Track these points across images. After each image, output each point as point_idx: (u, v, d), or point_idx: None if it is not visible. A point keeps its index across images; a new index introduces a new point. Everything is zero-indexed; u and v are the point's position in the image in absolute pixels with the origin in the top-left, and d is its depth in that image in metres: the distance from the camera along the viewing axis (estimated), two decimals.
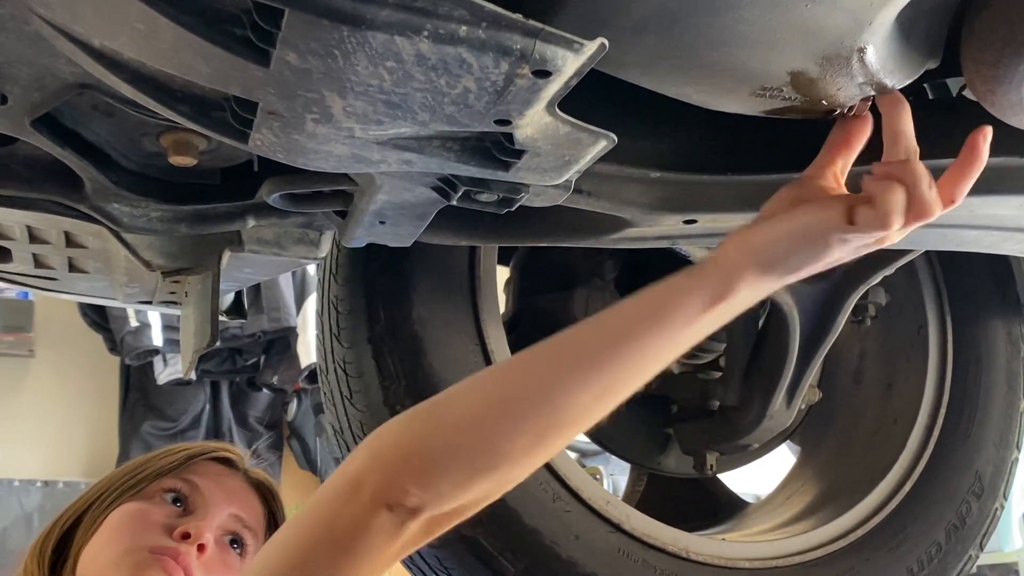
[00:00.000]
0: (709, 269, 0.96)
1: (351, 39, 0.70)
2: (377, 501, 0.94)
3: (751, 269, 0.95)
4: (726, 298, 0.95)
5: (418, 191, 1.05)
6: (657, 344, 0.95)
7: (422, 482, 0.94)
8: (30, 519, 4.47)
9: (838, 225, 0.95)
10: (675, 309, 0.95)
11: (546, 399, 0.94)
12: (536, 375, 0.97)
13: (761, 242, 0.96)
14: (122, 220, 1.18)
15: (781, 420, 1.73)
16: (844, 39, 0.88)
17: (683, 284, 0.96)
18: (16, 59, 0.90)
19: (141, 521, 1.25)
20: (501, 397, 0.96)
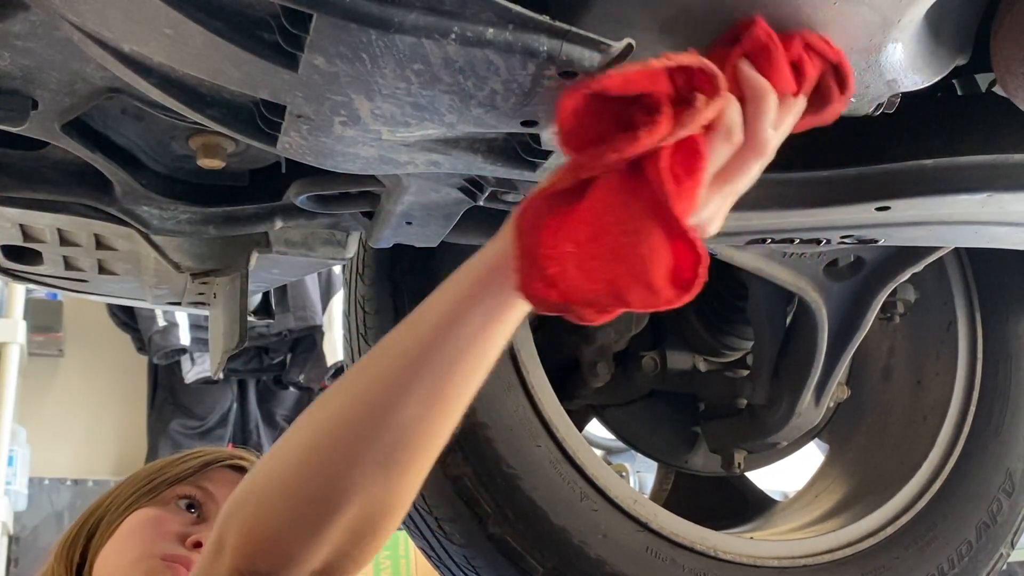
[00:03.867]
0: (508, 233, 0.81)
1: (379, 42, 0.70)
2: (232, 570, 0.87)
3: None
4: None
5: (445, 192, 1.05)
6: (472, 333, 0.83)
7: (267, 544, 0.86)
8: (60, 517, 4.50)
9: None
10: (488, 291, 0.82)
11: (374, 420, 0.84)
12: (357, 395, 0.86)
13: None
14: (151, 222, 1.19)
15: (809, 418, 1.72)
16: (872, 36, 0.87)
17: (486, 259, 0.83)
18: (46, 64, 0.91)
19: (155, 528, 1.27)
20: (327, 427, 0.86)
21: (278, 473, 0.88)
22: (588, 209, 0.76)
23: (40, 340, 4.59)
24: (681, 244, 0.75)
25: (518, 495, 1.47)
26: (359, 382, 0.87)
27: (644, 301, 0.76)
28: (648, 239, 0.75)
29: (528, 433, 1.50)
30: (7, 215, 1.23)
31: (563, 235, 0.75)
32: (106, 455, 4.80)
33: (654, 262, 0.75)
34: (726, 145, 0.79)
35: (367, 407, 0.85)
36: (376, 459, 0.84)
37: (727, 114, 0.77)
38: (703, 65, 0.75)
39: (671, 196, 0.74)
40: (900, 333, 1.96)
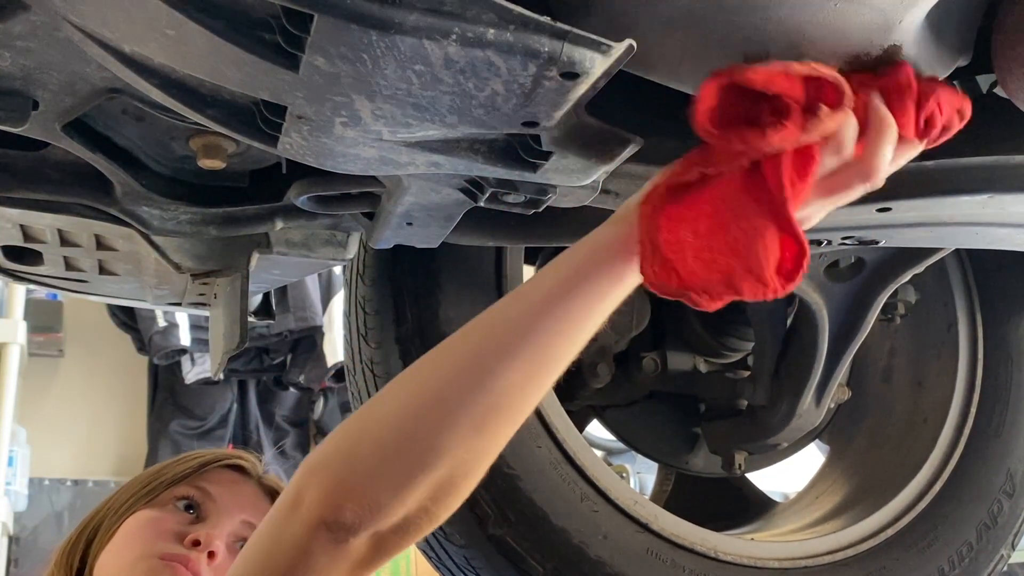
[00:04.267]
0: (631, 218, 0.86)
1: (380, 43, 0.70)
2: (314, 520, 0.90)
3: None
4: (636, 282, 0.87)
5: (445, 192, 1.05)
6: (582, 307, 0.88)
7: (356, 494, 0.89)
8: (60, 518, 4.50)
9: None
10: (598, 270, 0.87)
11: (474, 383, 0.88)
12: (460, 360, 0.90)
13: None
14: (152, 223, 1.19)
15: (810, 419, 1.72)
16: (874, 38, 0.87)
17: (602, 239, 0.88)
18: (47, 65, 0.91)
19: (154, 528, 1.27)
20: (427, 389, 0.90)
21: (374, 429, 0.91)
22: (709, 202, 0.82)
23: (40, 340, 4.59)
24: (789, 238, 0.81)
25: (518, 496, 1.47)
26: (463, 346, 0.91)
27: (755, 292, 0.82)
28: (763, 235, 0.81)
29: (529, 434, 1.50)
30: (8, 215, 1.23)
31: (685, 225, 0.81)
32: (106, 455, 4.80)
33: (767, 256, 0.81)
34: (835, 157, 0.84)
35: (469, 369, 0.89)
36: (472, 422, 0.88)
37: (843, 130, 0.83)
38: (836, 79, 0.81)
39: (787, 197, 0.80)
40: (901, 334, 1.96)
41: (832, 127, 0.81)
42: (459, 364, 0.90)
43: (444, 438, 0.88)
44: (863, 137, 0.85)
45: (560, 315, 0.88)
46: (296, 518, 0.91)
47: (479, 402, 0.88)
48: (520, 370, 0.88)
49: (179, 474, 1.35)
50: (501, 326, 0.90)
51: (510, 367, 0.88)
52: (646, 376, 1.88)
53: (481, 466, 0.91)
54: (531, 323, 0.88)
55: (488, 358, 0.89)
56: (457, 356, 0.91)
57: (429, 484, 0.89)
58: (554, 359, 0.89)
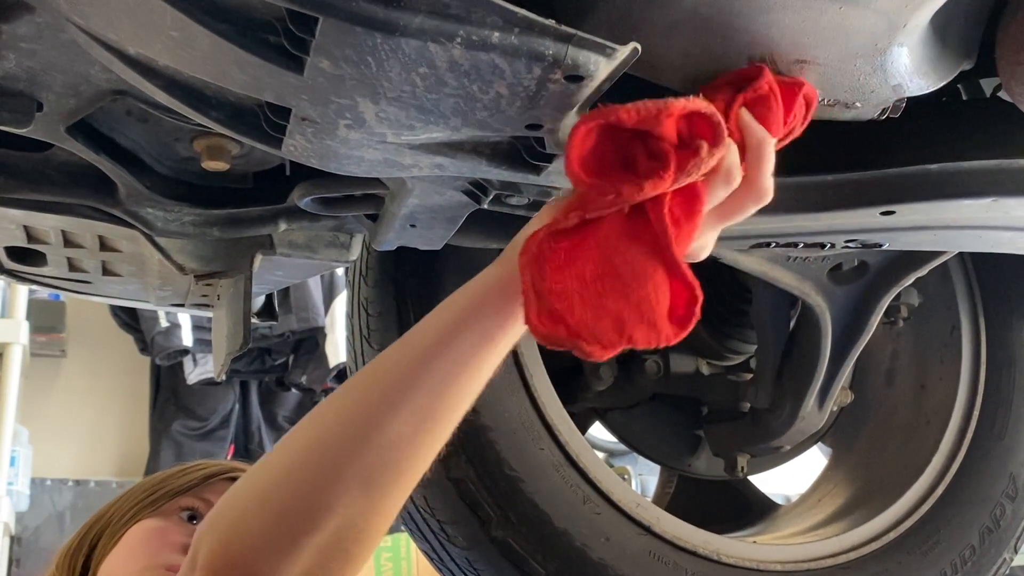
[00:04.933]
0: (514, 260, 0.81)
1: (384, 46, 0.70)
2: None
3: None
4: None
5: (449, 195, 1.05)
6: (467, 352, 0.84)
7: (237, 563, 0.84)
8: (62, 518, 4.50)
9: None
10: (483, 312, 0.84)
11: (359, 437, 0.83)
12: (345, 413, 0.86)
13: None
14: (155, 224, 1.19)
15: (813, 422, 1.72)
16: (878, 41, 0.87)
17: (486, 281, 0.85)
18: (51, 66, 0.91)
19: (159, 538, 1.27)
20: (312, 444, 0.86)
21: (258, 486, 0.87)
22: (594, 246, 0.78)
23: (42, 341, 4.60)
24: (679, 283, 0.79)
25: (521, 498, 1.47)
26: (348, 397, 0.87)
27: (647, 339, 0.78)
28: (652, 279, 0.78)
29: (531, 436, 1.50)
30: (11, 216, 1.23)
31: (569, 272, 0.78)
32: (108, 456, 4.81)
33: (658, 302, 0.78)
34: (725, 189, 0.82)
35: (354, 422, 0.84)
36: (358, 477, 0.83)
37: (727, 159, 0.81)
38: (710, 113, 0.78)
39: (672, 240, 0.78)
40: (904, 337, 1.96)
41: (713, 163, 0.79)
42: (344, 418, 0.86)
43: (329, 496, 0.84)
44: (744, 158, 0.83)
45: (446, 361, 0.84)
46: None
47: (366, 457, 0.83)
48: (408, 421, 0.84)
49: (183, 485, 1.35)
50: (386, 376, 0.86)
51: (397, 418, 0.83)
52: (648, 378, 1.88)
53: (373, 528, 0.86)
54: (416, 371, 0.84)
55: (373, 410, 0.84)
56: (343, 409, 0.87)
57: (315, 550, 0.84)
58: (445, 408, 0.85)
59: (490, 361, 0.85)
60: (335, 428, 0.86)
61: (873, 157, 1.08)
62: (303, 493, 0.84)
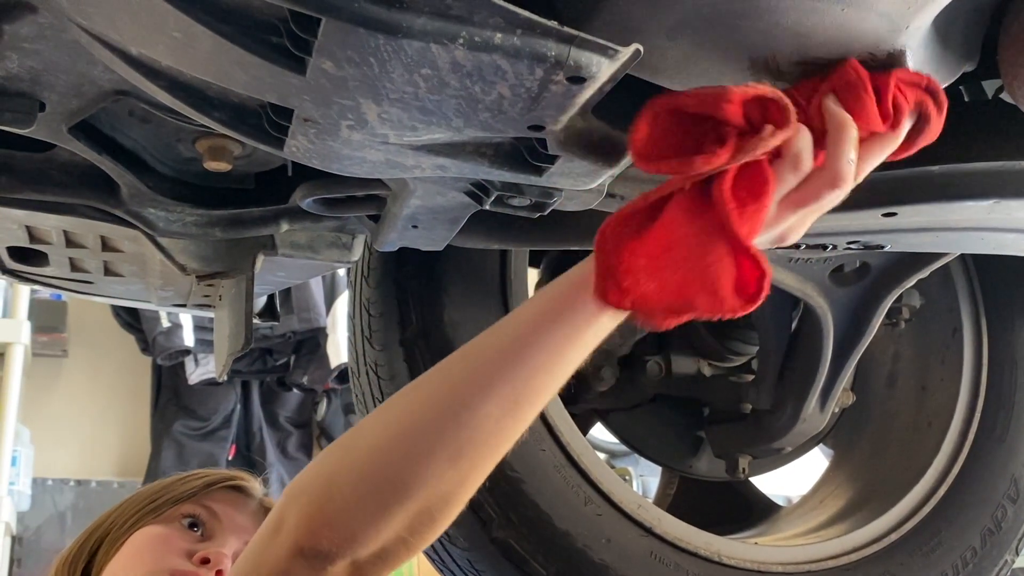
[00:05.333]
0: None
1: (387, 47, 0.70)
2: (292, 546, 0.90)
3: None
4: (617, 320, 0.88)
5: (451, 196, 1.05)
6: (556, 342, 0.88)
7: (333, 523, 0.89)
8: (63, 518, 4.51)
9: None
10: (572, 305, 0.88)
11: (451, 417, 0.88)
12: (436, 392, 0.91)
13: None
14: (158, 224, 1.19)
15: (814, 423, 1.72)
16: (880, 43, 0.87)
17: (575, 276, 0.89)
18: (54, 67, 0.91)
19: (162, 544, 1.28)
20: (404, 420, 0.91)
21: (352, 459, 0.92)
22: (661, 226, 0.82)
23: (44, 341, 4.60)
24: (745, 260, 0.81)
25: (522, 499, 1.47)
26: (440, 379, 0.92)
27: (712, 308, 0.83)
28: (712, 253, 0.81)
29: (533, 437, 1.50)
30: (13, 217, 1.23)
31: (639, 251, 0.82)
32: (109, 456, 4.81)
33: (720, 273, 0.81)
34: (793, 172, 0.84)
35: (446, 403, 0.89)
36: (448, 454, 0.88)
37: (794, 143, 0.83)
38: (777, 96, 0.81)
39: (732, 216, 0.81)
40: (905, 339, 1.96)
41: (775, 143, 0.81)
42: (435, 396, 0.91)
43: (420, 470, 0.89)
44: (822, 143, 0.85)
45: (535, 350, 0.88)
46: (276, 543, 0.92)
47: (455, 434, 0.88)
48: (496, 404, 0.88)
49: (185, 492, 1.36)
50: (477, 359, 0.91)
51: (486, 400, 0.88)
52: (650, 380, 1.88)
53: (459, 498, 0.91)
54: (506, 357, 0.89)
55: (463, 391, 0.89)
56: (434, 388, 0.92)
57: (406, 516, 0.90)
58: (532, 392, 0.89)
59: (578, 352, 0.89)
60: (427, 406, 0.91)
61: None
62: (397, 465, 0.89)
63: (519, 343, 0.89)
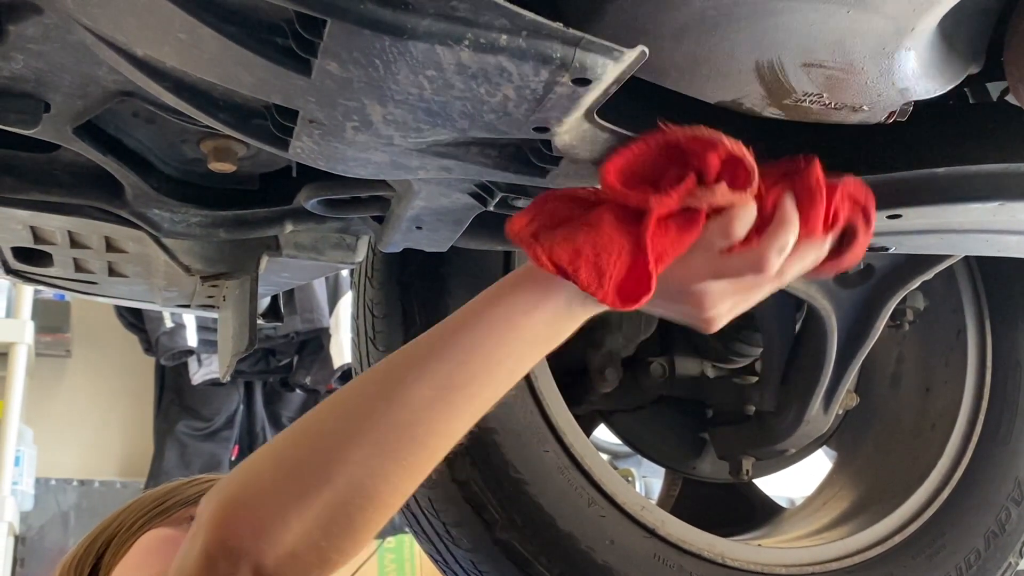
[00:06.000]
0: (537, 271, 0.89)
1: (392, 49, 0.70)
2: (202, 548, 0.85)
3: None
4: (548, 308, 0.89)
5: (455, 197, 1.05)
6: (494, 323, 0.88)
7: (243, 513, 0.85)
8: (66, 518, 4.51)
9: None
10: (512, 287, 0.89)
11: (381, 396, 0.86)
12: (372, 374, 0.89)
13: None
14: (162, 225, 1.19)
15: (818, 425, 1.72)
16: (886, 45, 0.87)
17: (517, 271, 0.91)
18: (59, 67, 0.91)
19: (171, 546, 1.28)
20: (335, 402, 0.89)
21: (273, 445, 0.89)
22: (594, 213, 0.88)
23: (47, 341, 4.60)
24: (641, 270, 0.87)
25: (525, 500, 1.47)
26: (379, 365, 0.90)
27: (589, 281, 0.86)
28: (618, 244, 0.86)
29: (536, 438, 1.49)
30: (18, 217, 1.23)
31: (566, 225, 0.87)
32: (112, 456, 4.81)
33: (614, 264, 0.86)
34: (720, 236, 0.89)
35: (376, 381, 0.87)
36: (373, 436, 0.85)
37: (735, 211, 0.88)
38: (750, 166, 0.87)
39: (651, 234, 0.86)
40: (909, 341, 1.96)
41: (721, 202, 0.87)
42: (370, 377, 0.89)
43: (343, 450, 0.85)
44: (763, 230, 0.89)
45: (473, 331, 0.88)
46: (193, 546, 0.87)
47: (383, 414, 0.85)
48: (428, 384, 0.86)
49: (193, 495, 1.36)
50: (415, 344, 0.90)
51: (419, 380, 0.86)
52: (654, 381, 1.87)
53: (378, 497, 0.86)
54: (442, 338, 0.88)
55: (398, 371, 0.87)
56: (370, 372, 0.90)
57: (321, 508, 0.84)
58: (467, 377, 0.87)
59: (517, 338, 0.89)
60: (360, 387, 0.89)
61: (880, 161, 1.08)
62: (318, 446, 0.86)
63: (454, 324, 0.89)
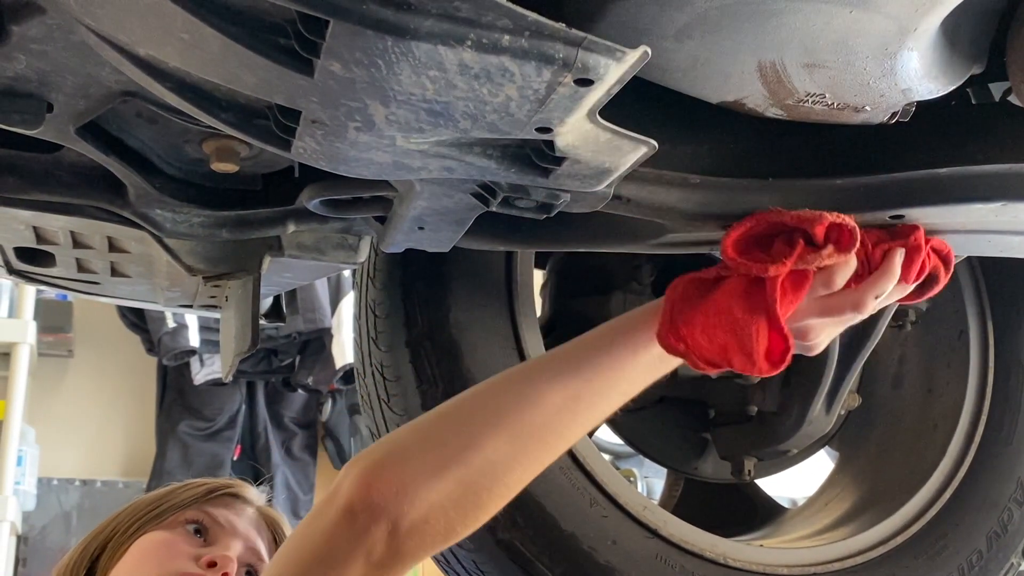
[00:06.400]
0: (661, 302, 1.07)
1: (395, 49, 0.70)
2: (343, 505, 0.95)
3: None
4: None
5: (457, 197, 1.05)
6: (620, 356, 1.04)
7: (388, 473, 0.96)
8: (68, 518, 4.51)
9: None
10: (635, 330, 1.06)
11: (518, 394, 1.00)
12: (512, 374, 1.06)
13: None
14: (164, 225, 1.19)
15: (820, 426, 1.72)
16: (888, 45, 0.87)
17: (644, 311, 1.08)
18: (61, 68, 0.91)
19: (167, 548, 1.29)
20: (476, 393, 1.03)
21: (418, 421, 1.03)
22: (720, 295, 1.04)
23: (50, 341, 4.60)
24: (778, 335, 1.03)
25: (528, 501, 1.47)
26: (515, 370, 1.07)
27: (744, 366, 1.04)
28: (755, 325, 1.02)
29: None
30: (21, 217, 1.23)
31: (697, 308, 1.04)
32: (115, 456, 4.81)
33: (757, 342, 1.02)
34: (824, 287, 1.06)
35: (519, 382, 1.03)
36: (508, 428, 0.98)
37: (838, 268, 1.05)
38: (852, 227, 1.03)
39: (778, 302, 1.02)
40: (911, 341, 1.96)
41: (828, 262, 1.03)
42: (510, 376, 1.05)
43: (482, 436, 0.97)
44: (865, 276, 1.07)
45: (603, 357, 1.04)
46: (330, 507, 0.97)
47: (518, 412, 0.99)
48: (560, 393, 1.00)
49: (187, 499, 1.37)
50: (553, 355, 1.06)
51: (552, 388, 1.00)
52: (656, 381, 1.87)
53: (506, 481, 0.99)
54: (580, 356, 1.04)
55: (537, 374, 1.03)
56: (511, 373, 1.05)
57: (457, 482, 0.96)
58: (591, 393, 1.03)
59: (632, 371, 1.06)
60: (501, 384, 1.04)
61: (882, 161, 1.08)
62: (462, 428, 0.99)
63: (588, 345, 1.06)
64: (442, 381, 1.49)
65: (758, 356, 1.02)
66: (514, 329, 1.54)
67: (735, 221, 1.09)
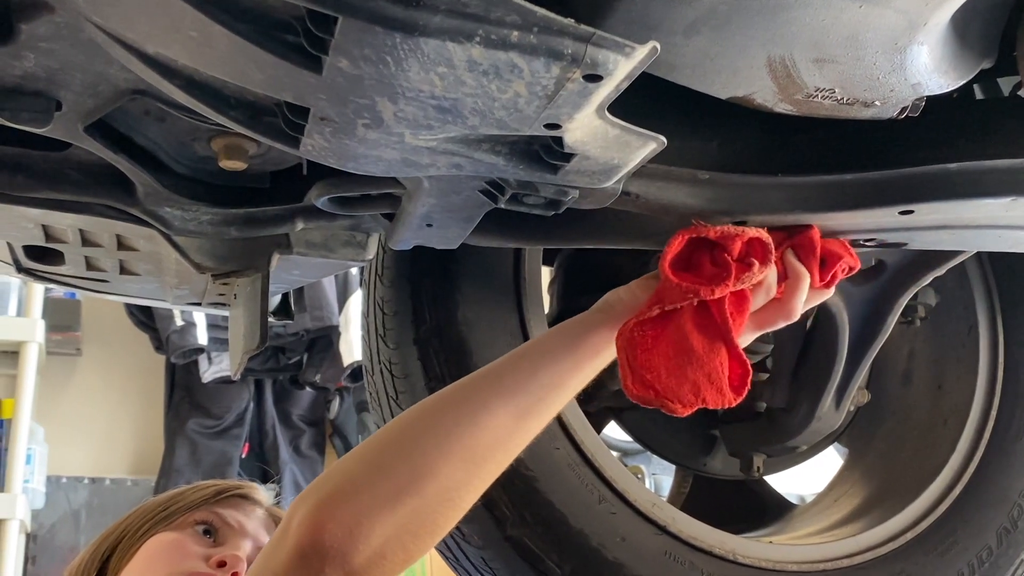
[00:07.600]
0: (608, 312, 1.09)
1: (404, 45, 0.70)
2: (294, 546, 0.92)
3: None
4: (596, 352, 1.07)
5: (466, 194, 1.05)
6: (568, 369, 1.04)
7: (338, 511, 0.92)
8: (77, 516, 4.52)
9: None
10: (584, 339, 1.07)
11: (469, 416, 0.98)
12: (459, 395, 1.02)
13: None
14: (173, 223, 1.19)
15: (829, 422, 1.71)
16: (898, 40, 0.87)
17: (589, 321, 1.09)
18: (70, 66, 0.91)
19: (178, 550, 1.30)
20: (423, 416, 1.00)
21: (366, 449, 0.99)
22: (673, 333, 1.05)
23: (58, 339, 4.61)
24: (735, 362, 1.06)
25: (536, 497, 1.47)
26: (462, 385, 1.03)
27: (716, 400, 1.06)
28: (718, 357, 1.05)
29: (546, 435, 1.49)
30: (30, 215, 1.23)
31: (655, 351, 1.05)
32: (123, 454, 4.82)
33: (723, 374, 1.05)
34: (763, 298, 1.10)
35: (469, 405, 1.00)
36: (462, 452, 0.96)
37: (768, 278, 1.09)
38: (765, 239, 1.07)
39: (732, 328, 1.05)
40: (921, 337, 1.95)
41: (761, 277, 1.07)
42: (456, 397, 1.02)
43: (435, 463, 0.95)
44: (783, 284, 1.11)
45: (549, 374, 1.03)
46: (282, 546, 0.93)
47: (471, 434, 0.97)
48: (511, 413, 1.00)
49: (196, 500, 1.38)
50: (499, 371, 1.04)
51: (503, 407, 0.99)
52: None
53: (462, 504, 0.98)
54: (527, 371, 1.03)
55: (484, 394, 1.01)
56: (454, 392, 1.02)
57: (412, 511, 0.93)
58: (540, 410, 1.02)
59: (578, 380, 1.06)
60: (450, 405, 1.01)
61: (892, 156, 1.08)
62: (412, 456, 0.96)
63: (535, 357, 1.05)
64: (450, 378, 1.49)
65: (726, 388, 1.05)
66: (522, 326, 1.54)
67: (743, 217, 1.09)
